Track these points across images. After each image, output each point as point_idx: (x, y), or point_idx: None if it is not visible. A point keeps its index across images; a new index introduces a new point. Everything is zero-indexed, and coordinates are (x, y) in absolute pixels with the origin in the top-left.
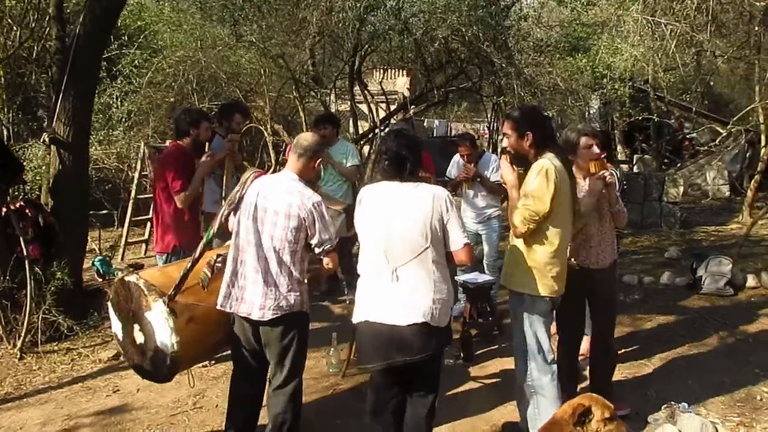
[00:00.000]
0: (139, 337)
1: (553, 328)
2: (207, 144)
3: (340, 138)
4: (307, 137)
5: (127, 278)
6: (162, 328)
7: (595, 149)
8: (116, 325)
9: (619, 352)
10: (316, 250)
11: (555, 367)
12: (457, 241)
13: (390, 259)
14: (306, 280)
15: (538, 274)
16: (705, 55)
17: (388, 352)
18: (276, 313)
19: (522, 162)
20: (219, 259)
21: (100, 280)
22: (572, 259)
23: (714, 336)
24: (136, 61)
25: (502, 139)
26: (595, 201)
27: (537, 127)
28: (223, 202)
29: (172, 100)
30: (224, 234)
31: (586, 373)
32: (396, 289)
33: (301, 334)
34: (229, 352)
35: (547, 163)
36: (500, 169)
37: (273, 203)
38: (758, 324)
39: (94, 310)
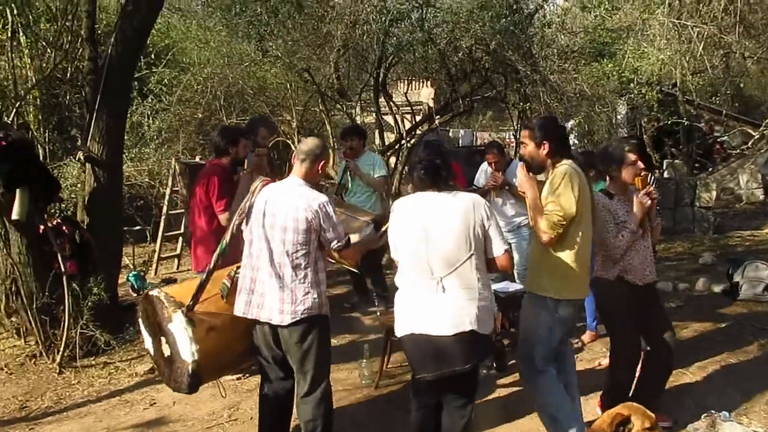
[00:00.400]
0: (166, 350)
1: (587, 336)
2: (245, 161)
3: (366, 149)
4: (308, 141)
5: (150, 293)
6: (183, 339)
7: (640, 164)
8: (147, 341)
9: None
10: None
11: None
12: (499, 248)
13: (434, 270)
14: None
15: (562, 278)
16: (734, 56)
17: (438, 364)
18: (294, 317)
19: (538, 171)
20: (239, 271)
21: (135, 295)
22: (627, 276)
23: (753, 343)
24: (165, 80)
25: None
26: (642, 217)
27: (553, 136)
28: None
29: (200, 116)
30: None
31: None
32: (442, 300)
33: (321, 338)
34: None
35: (569, 168)
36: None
37: (281, 209)
38: None
39: (129, 324)
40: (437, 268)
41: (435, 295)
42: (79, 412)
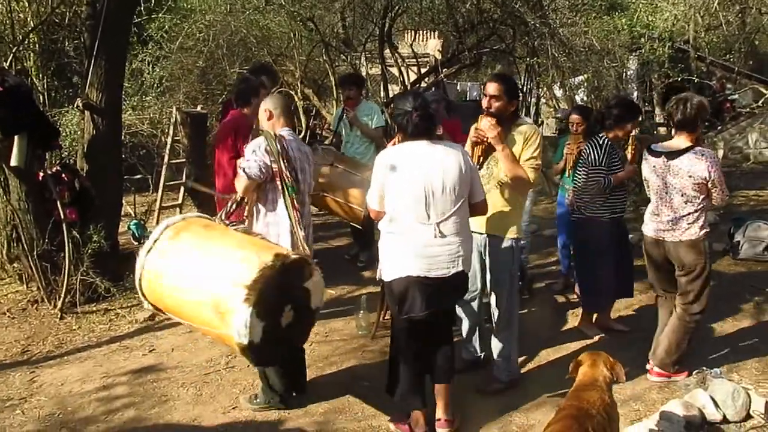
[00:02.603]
0: (288, 317)
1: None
2: None
3: (364, 99)
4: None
5: (289, 259)
6: (318, 290)
7: None
8: (247, 333)
9: None
10: None
11: None
12: (480, 193)
13: (431, 216)
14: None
15: (518, 221)
16: (750, 12)
17: (436, 301)
18: None
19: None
20: None
21: (136, 243)
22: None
23: (750, 302)
24: (166, 26)
25: (533, 101)
26: None
27: (518, 97)
28: None
29: (202, 65)
30: None
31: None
32: (440, 243)
33: None
34: None
35: (535, 126)
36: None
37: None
38: None
39: (129, 272)
40: (434, 215)
41: (434, 240)
42: (80, 356)
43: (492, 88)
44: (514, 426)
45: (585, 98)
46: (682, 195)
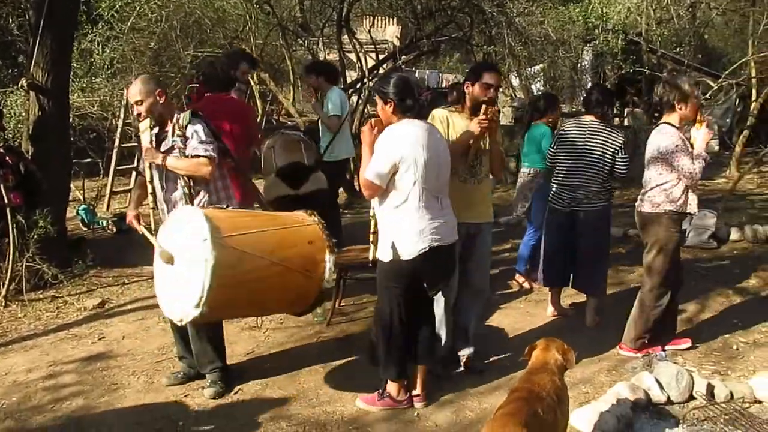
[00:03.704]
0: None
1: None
2: None
3: (333, 86)
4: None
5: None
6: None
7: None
8: (332, 276)
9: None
10: None
11: None
12: None
13: (435, 190)
14: None
15: None
16: (700, 6)
17: (443, 271)
18: None
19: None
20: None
21: (85, 229)
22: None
23: (695, 288)
24: (117, 6)
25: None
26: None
27: None
28: None
29: (155, 46)
30: None
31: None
32: (444, 214)
33: None
34: None
35: None
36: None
37: None
38: (738, 276)
39: (78, 258)
40: (438, 189)
41: (441, 211)
42: (25, 345)
43: (494, 78)
44: (467, 410)
45: (541, 87)
46: (652, 167)
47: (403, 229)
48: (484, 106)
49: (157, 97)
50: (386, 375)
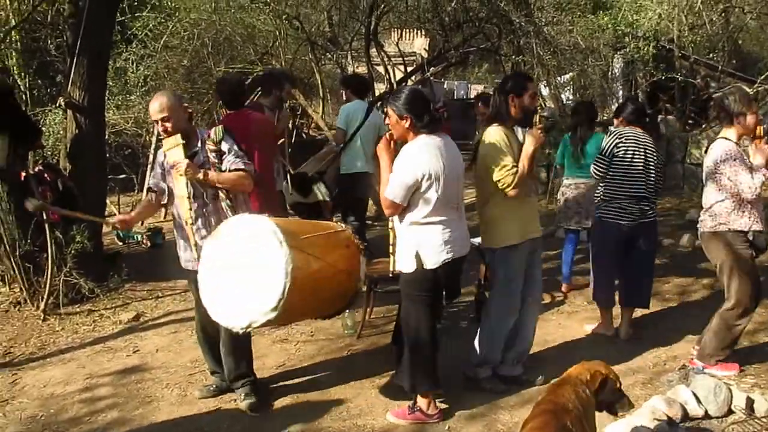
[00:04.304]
0: None
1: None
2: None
3: (356, 98)
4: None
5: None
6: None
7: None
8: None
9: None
10: None
11: None
12: None
13: (456, 200)
14: None
15: None
16: (733, 11)
17: (459, 281)
18: None
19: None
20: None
21: (120, 243)
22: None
23: None
24: (151, 25)
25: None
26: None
27: None
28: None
29: (187, 63)
30: None
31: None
32: (461, 225)
33: None
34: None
35: None
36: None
37: None
38: None
39: (114, 272)
40: (457, 200)
41: (459, 222)
42: (63, 358)
43: (534, 86)
44: (499, 424)
45: (571, 96)
46: (709, 186)
47: (428, 240)
48: (537, 116)
49: (183, 113)
50: (417, 389)
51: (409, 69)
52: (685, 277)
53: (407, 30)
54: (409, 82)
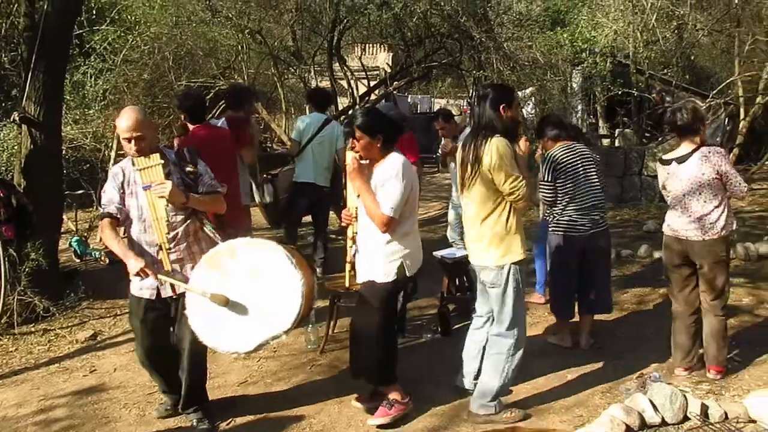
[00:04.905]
0: None
1: (536, 297)
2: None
3: (313, 113)
4: None
5: None
6: None
7: None
8: None
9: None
10: None
11: None
12: None
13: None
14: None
15: None
16: (686, 28)
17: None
18: None
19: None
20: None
21: (78, 260)
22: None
23: None
24: (110, 38)
25: None
26: None
27: None
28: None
29: (147, 77)
30: None
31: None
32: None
33: None
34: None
35: None
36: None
37: None
38: (732, 295)
39: (70, 290)
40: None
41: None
42: (16, 380)
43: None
44: None
45: (531, 111)
46: (699, 195)
47: (410, 249)
48: (521, 127)
49: (155, 131)
50: (389, 382)
51: (372, 83)
52: (643, 287)
53: (370, 45)
54: (373, 97)
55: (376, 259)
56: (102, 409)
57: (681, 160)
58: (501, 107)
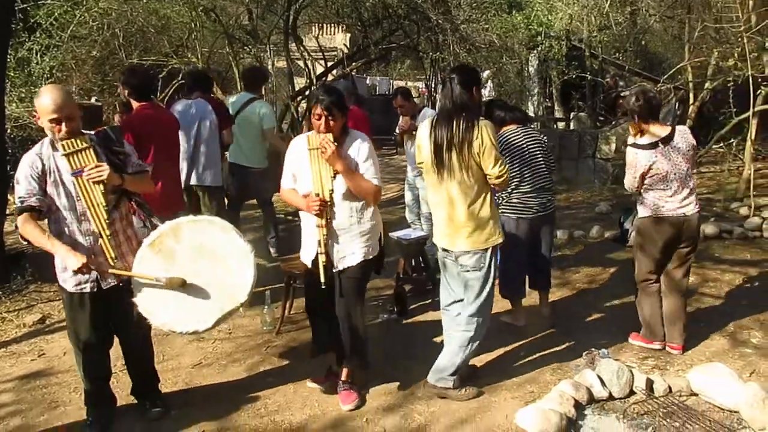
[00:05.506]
0: None
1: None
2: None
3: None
4: None
5: None
6: None
7: None
8: None
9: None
10: None
11: None
12: None
13: None
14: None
15: None
16: (639, 13)
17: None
18: None
19: None
20: None
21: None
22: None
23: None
24: (56, 13)
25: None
26: None
27: None
28: None
29: (97, 55)
30: None
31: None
32: None
33: None
34: None
35: None
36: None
37: None
38: None
39: (17, 273)
40: None
41: None
42: None
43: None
44: (416, 414)
45: (489, 94)
46: (688, 170)
47: (380, 225)
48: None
49: (80, 111)
50: (369, 365)
51: (330, 64)
52: (594, 267)
53: (327, 25)
54: (330, 77)
55: (359, 239)
56: (51, 394)
57: (667, 140)
58: (474, 89)
